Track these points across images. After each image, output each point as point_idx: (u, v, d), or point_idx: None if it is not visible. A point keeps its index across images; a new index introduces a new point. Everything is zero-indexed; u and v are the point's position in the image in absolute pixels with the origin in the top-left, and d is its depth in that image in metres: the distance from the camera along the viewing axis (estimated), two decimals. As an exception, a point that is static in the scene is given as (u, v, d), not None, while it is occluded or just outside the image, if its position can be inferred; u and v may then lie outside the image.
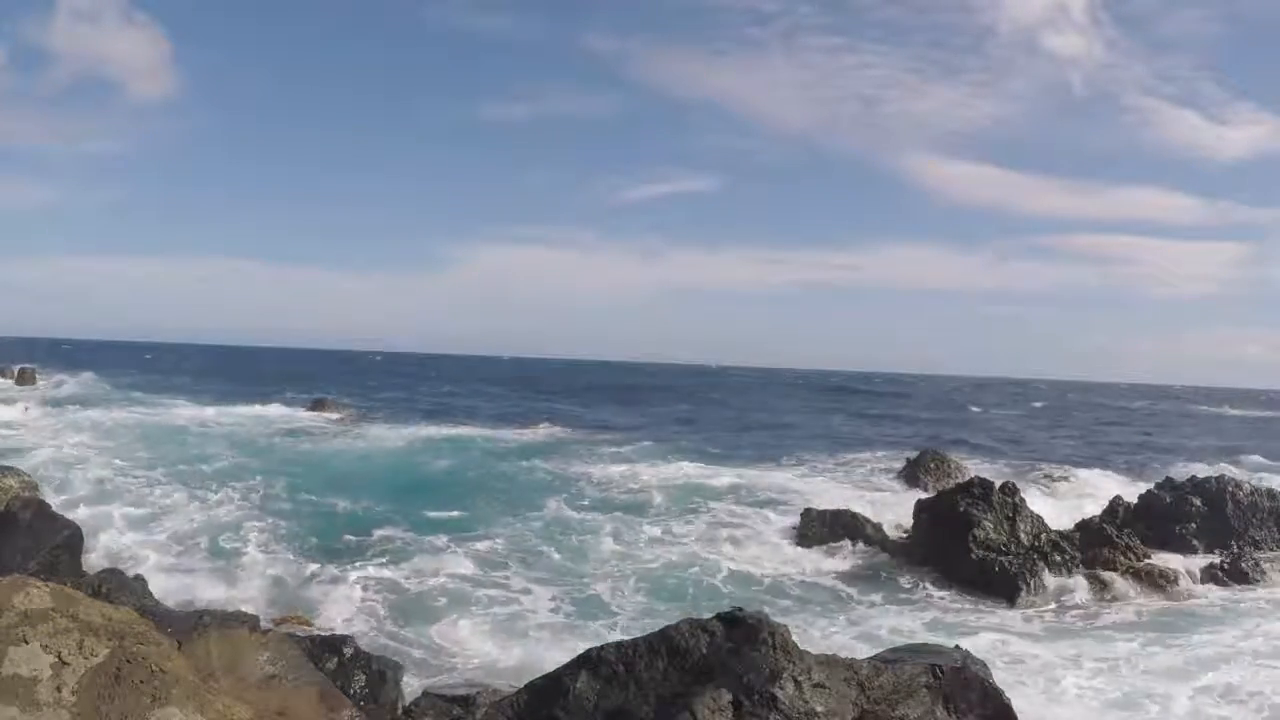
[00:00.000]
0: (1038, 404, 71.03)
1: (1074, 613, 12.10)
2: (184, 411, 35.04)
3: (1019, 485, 15.50)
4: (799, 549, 14.88)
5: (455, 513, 16.64)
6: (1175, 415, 62.29)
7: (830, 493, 20.43)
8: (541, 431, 33.43)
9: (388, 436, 29.87)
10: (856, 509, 16.57)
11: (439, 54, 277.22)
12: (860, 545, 14.76)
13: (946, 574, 13.47)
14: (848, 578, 13.51)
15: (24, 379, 42.73)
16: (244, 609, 9.71)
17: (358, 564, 12.88)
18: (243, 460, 22.35)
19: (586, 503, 18.32)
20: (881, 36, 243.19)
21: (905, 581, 13.33)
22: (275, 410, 37.48)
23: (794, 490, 20.71)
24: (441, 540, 14.45)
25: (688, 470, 23.22)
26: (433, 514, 16.56)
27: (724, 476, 22.45)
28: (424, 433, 31.81)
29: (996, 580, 12.94)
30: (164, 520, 15.15)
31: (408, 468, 22.84)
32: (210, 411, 35.20)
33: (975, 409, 59.66)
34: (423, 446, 27.44)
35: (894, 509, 17.30)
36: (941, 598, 12.64)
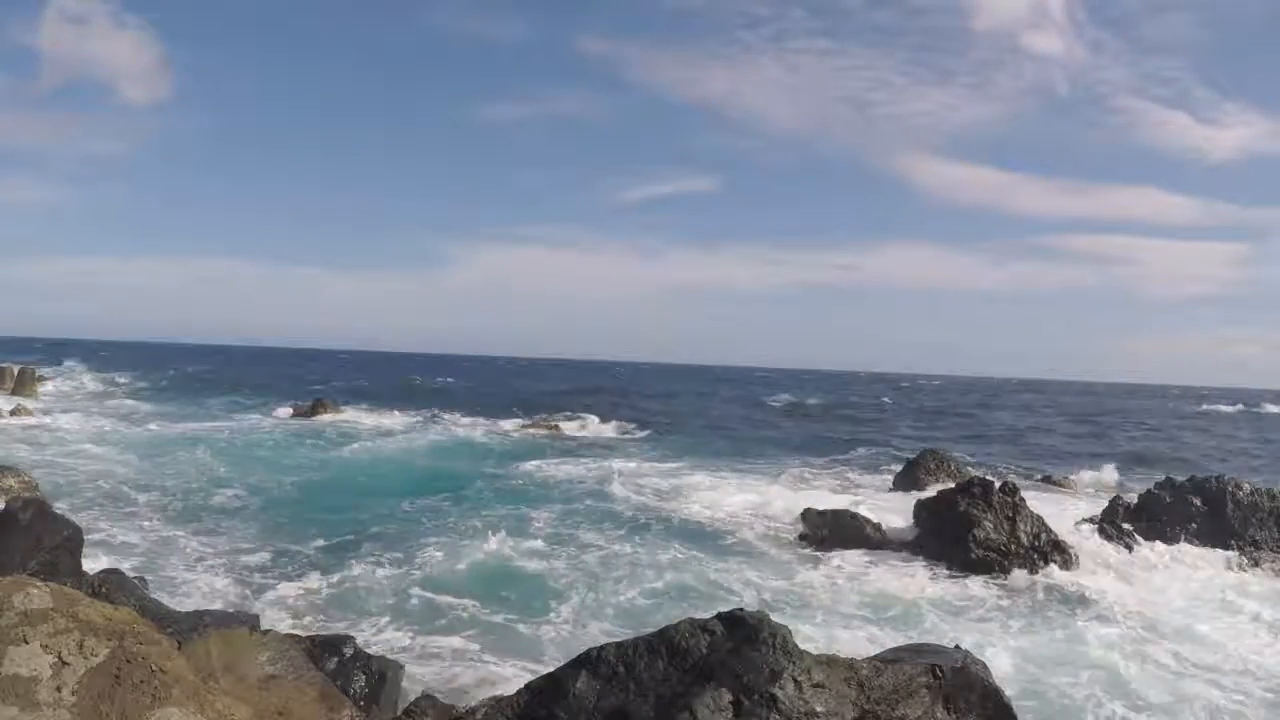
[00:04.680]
0: (1037, 404, 71.07)
1: (1071, 612, 12.07)
2: (179, 411, 35.06)
3: (1019, 485, 15.50)
4: (799, 548, 14.89)
5: (447, 515, 16.66)
6: (1175, 415, 62.30)
7: (830, 492, 20.44)
8: (538, 433, 33.45)
9: (385, 438, 29.90)
10: (856, 509, 16.57)
11: (439, 56, 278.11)
12: (860, 545, 14.76)
13: (946, 571, 13.47)
14: (847, 576, 13.49)
15: (23, 379, 42.67)
16: (244, 609, 9.71)
17: (356, 564, 12.88)
18: (239, 460, 22.38)
19: (582, 504, 18.32)
20: (872, 40, 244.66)
21: (904, 578, 13.31)
22: (273, 411, 37.50)
23: (794, 490, 20.72)
24: (436, 541, 14.46)
25: (683, 472, 23.24)
26: (428, 516, 16.59)
27: (721, 477, 22.47)
28: (421, 433, 31.84)
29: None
30: (162, 520, 15.17)
31: (404, 469, 22.86)
32: (205, 412, 35.23)
33: (974, 408, 59.67)
34: (419, 448, 27.47)
35: (894, 509, 17.29)
36: (940, 590, 12.61)
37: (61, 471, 19.23)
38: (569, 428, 35.40)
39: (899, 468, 22.77)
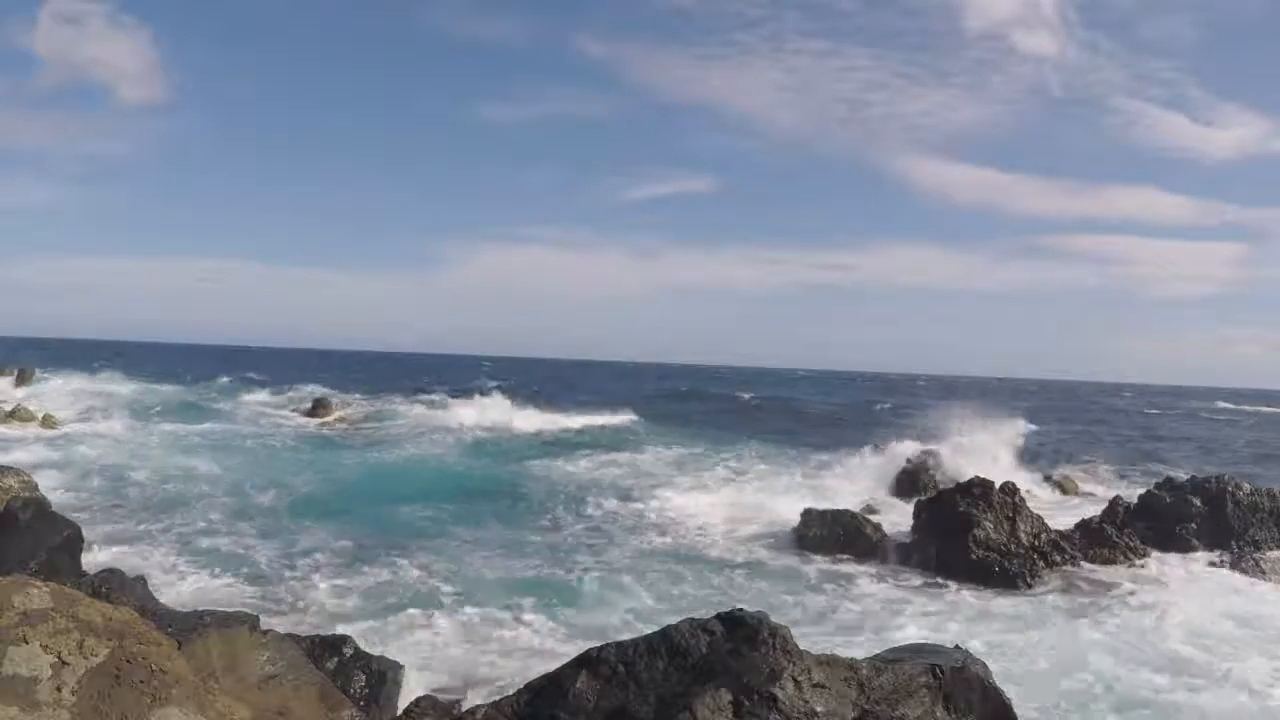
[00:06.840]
0: (1036, 404, 70.96)
1: (1072, 613, 12.06)
2: (179, 411, 35.05)
3: (1018, 485, 15.47)
4: (799, 547, 14.89)
5: (452, 514, 16.66)
6: (1174, 415, 62.24)
7: (830, 493, 20.43)
8: (544, 434, 33.44)
9: (386, 438, 29.89)
10: (856, 509, 16.57)
11: (439, 56, 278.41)
12: (860, 545, 14.75)
13: (947, 573, 13.46)
14: (847, 576, 13.49)
15: (23, 379, 42.67)
16: (244, 609, 9.70)
17: (355, 563, 12.88)
18: (237, 462, 22.37)
19: (584, 501, 18.33)
20: (868, 41, 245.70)
21: (906, 579, 13.31)
22: (273, 411, 37.50)
23: (795, 491, 20.70)
24: (436, 543, 14.46)
25: (682, 473, 23.22)
26: (428, 515, 16.58)
27: (723, 475, 22.47)
28: (421, 435, 31.81)
29: (996, 579, 13.00)
30: (161, 520, 15.16)
31: (406, 469, 22.85)
32: (206, 413, 35.23)
33: (974, 409, 59.54)
34: (420, 448, 27.45)
35: (893, 509, 17.29)
36: (941, 593, 12.60)
37: (62, 472, 19.22)
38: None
39: (899, 468, 22.71)
